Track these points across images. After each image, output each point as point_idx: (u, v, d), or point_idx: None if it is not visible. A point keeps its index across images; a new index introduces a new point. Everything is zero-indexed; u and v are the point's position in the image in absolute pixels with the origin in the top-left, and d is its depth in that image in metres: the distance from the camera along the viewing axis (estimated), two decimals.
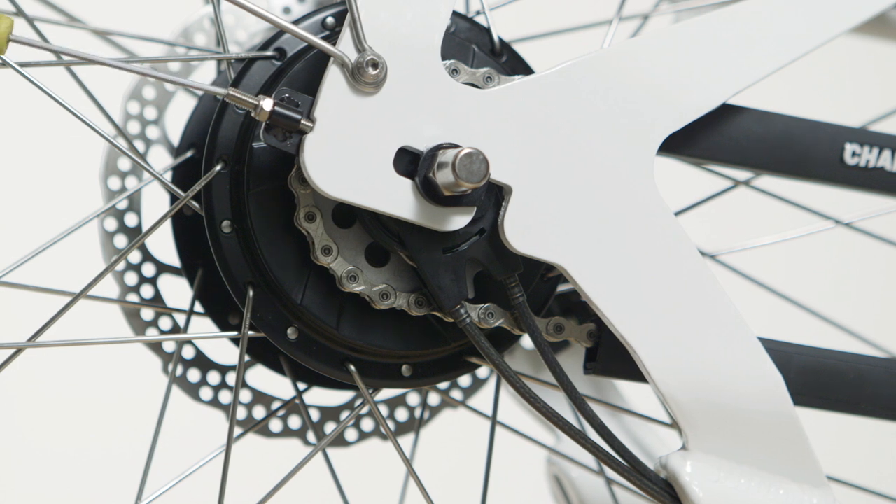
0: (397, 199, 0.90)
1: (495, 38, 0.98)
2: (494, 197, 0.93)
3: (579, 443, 0.94)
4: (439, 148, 0.90)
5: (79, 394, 1.97)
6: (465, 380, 1.15)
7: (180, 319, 1.09)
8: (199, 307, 1.05)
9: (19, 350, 0.94)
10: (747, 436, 0.96)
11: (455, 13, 0.97)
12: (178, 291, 1.09)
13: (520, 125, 0.92)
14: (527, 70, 0.98)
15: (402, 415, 1.15)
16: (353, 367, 0.97)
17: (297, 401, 1.06)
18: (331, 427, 1.13)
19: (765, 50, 0.98)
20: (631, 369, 0.96)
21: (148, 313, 1.10)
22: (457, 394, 1.15)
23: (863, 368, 1.02)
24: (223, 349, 1.10)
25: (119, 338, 1.03)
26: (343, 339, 0.95)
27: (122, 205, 1.09)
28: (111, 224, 1.09)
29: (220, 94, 0.90)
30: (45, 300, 1.02)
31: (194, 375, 1.09)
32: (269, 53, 0.96)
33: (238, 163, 0.94)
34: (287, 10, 1.16)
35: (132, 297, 1.09)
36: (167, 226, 1.01)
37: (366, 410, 1.12)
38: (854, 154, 1.03)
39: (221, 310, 1.04)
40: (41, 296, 1.03)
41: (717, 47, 0.97)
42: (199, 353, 1.10)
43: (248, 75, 0.95)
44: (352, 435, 1.14)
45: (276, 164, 0.93)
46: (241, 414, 1.11)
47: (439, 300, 0.93)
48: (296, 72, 0.94)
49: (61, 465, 1.96)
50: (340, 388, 1.08)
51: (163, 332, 1.09)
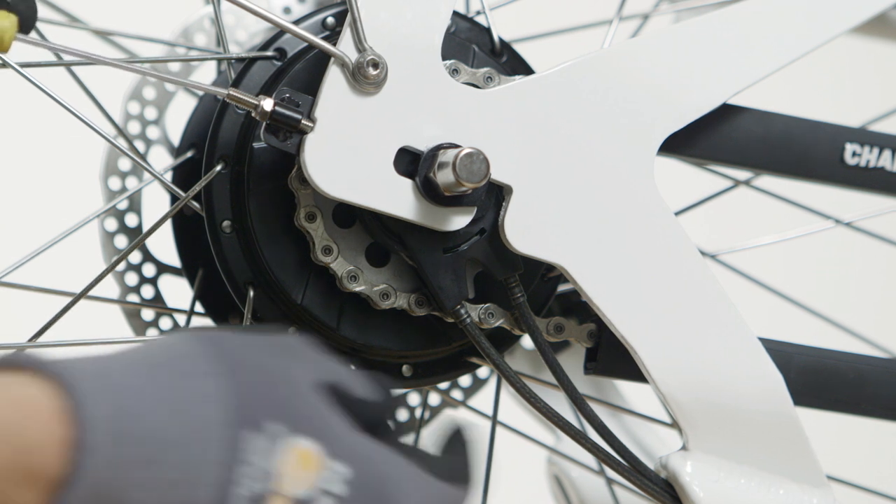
0: (398, 199, 0.90)
1: (495, 38, 0.98)
2: (495, 197, 0.93)
3: (579, 443, 0.94)
4: (440, 148, 0.90)
5: None
6: (465, 380, 1.15)
7: (181, 320, 1.09)
8: (199, 307, 1.05)
9: (19, 350, 0.94)
10: (747, 436, 0.96)
11: (455, 13, 0.97)
12: (178, 292, 1.09)
13: (520, 125, 0.92)
14: (527, 70, 0.98)
15: (402, 415, 1.15)
16: (352, 367, 0.97)
17: None
18: None
19: (765, 50, 0.98)
20: (631, 369, 0.96)
21: (148, 313, 1.10)
22: (457, 394, 1.15)
23: (863, 368, 1.02)
24: None
25: (120, 338, 1.03)
26: (343, 339, 0.95)
27: (123, 205, 1.09)
28: (111, 224, 1.09)
29: (221, 95, 0.90)
30: (46, 300, 1.02)
31: None
32: (270, 53, 0.95)
33: (238, 163, 0.94)
34: (287, 11, 1.16)
35: (133, 298, 1.09)
36: (167, 226, 1.01)
37: None
38: (854, 154, 1.03)
39: (222, 310, 1.04)
40: (41, 296, 1.03)
41: (718, 47, 0.97)
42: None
43: (248, 75, 0.95)
44: None
45: (276, 164, 0.93)
46: None
47: (440, 300, 0.93)
48: (296, 72, 0.93)
49: None
50: None
51: (163, 333, 1.09)
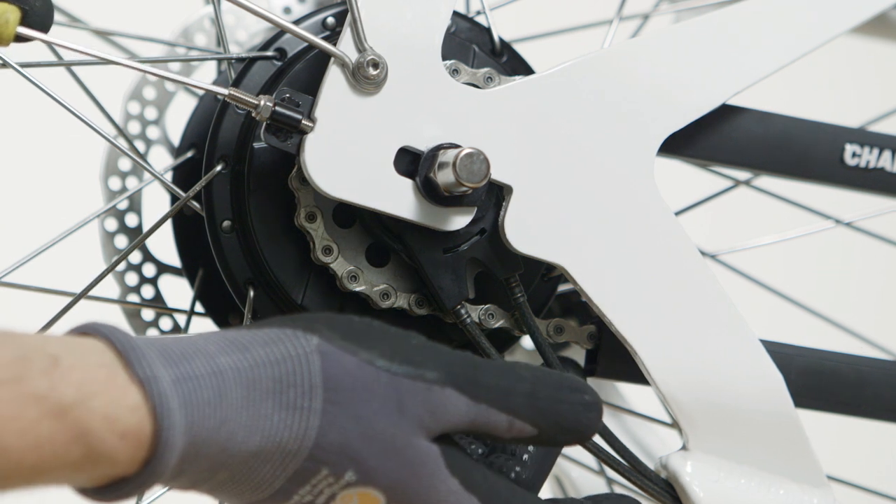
0: (398, 199, 0.90)
1: (496, 38, 0.98)
2: (495, 197, 0.93)
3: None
4: (440, 148, 0.90)
5: None
6: None
7: (181, 320, 1.09)
8: (199, 307, 1.05)
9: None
10: (748, 436, 0.96)
11: (455, 13, 0.97)
12: (178, 292, 1.09)
13: (520, 125, 0.92)
14: (527, 70, 0.98)
15: None
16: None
17: None
18: None
19: (765, 50, 0.98)
20: (631, 371, 0.96)
21: (149, 314, 1.10)
22: None
23: (863, 370, 1.02)
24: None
25: None
26: None
27: (123, 205, 1.09)
28: (112, 224, 1.09)
29: (221, 94, 0.90)
30: (46, 300, 1.02)
31: None
32: (270, 53, 0.95)
33: (238, 163, 0.94)
34: (287, 11, 1.16)
35: (133, 298, 1.09)
36: (168, 226, 1.01)
37: None
38: (854, 155, 1.03)
39: (222, 310, 1.04)
40: (41, 296, 1.03)
41: (718, 47, 0.97)
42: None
43: (248, 75, 0.95)
44: None
45: (276, 164, 0.93)
46: None
47: (440, 300, 0.93)
48: (296, 72, 0.93)
49: None
50: None
51: (164, 333, 1.09)
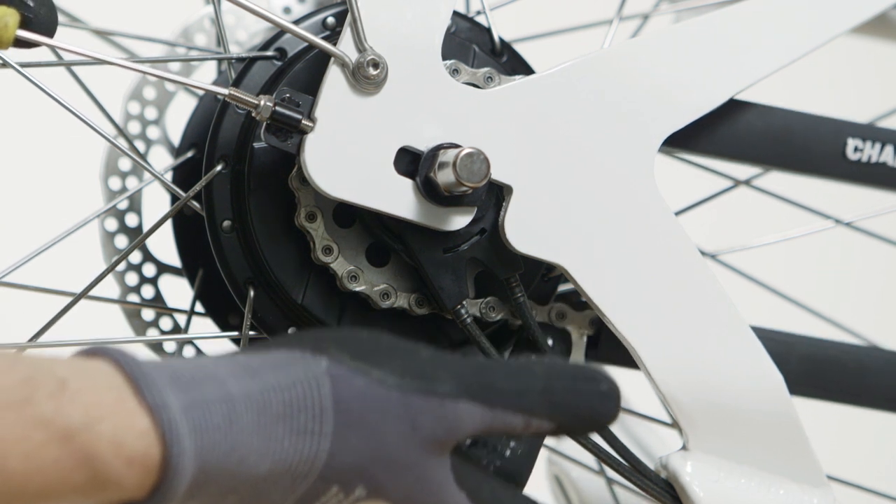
0: (398, 199, 0.90)
1: (496, 38, 0.98)
2: (495, 197, 0.93)
3: (579, 442, 0.93)
4: (440, 148, 0.90)
5: None
6: None
7: (181, 320, 1.09)
8: (199, 307, 1.05)
9: (20, 350, 0.94)
10: (747, 436, 0.96)
11: (455, 13, 0.97)
12: (178, 292, 1.09)
13: (520, 125, 0.92)
14: (527, 70, 0.97)
15: None
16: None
17: None
18: None
19: (765, 50, 0.98)
20: (632, 357, 0.96)
21: (149, 313, 1.10)
22: None
23: (864, 359, 1.02)
24: (224, 349, 1.09)
25: (120, 338, 1.03)
26: None
27: (123, 205, 1.09)
28: (112, 224, 1.09)
29: (221, 94, 0.90)
30: (46, 300, 1.02)
31: None
32: (270, 53, 0.95)
33: (239, 163, 0.94)
34: (287, 10, 1.16)
35: (133, 298, 1.09)
36: (168, 226, 1.01)
37: None
38: (856, 149, 1.03)
39: (222, 310, 1.04)
40: (41, 296, 1.03)
41: (718, 47, 0.97)
42: (200, 354, 1.10)
43: (248, 75, 0.95)
44: None
45: (276, 163, 0.93)
46: None
47: (440, 300, 0.93)
48: (296, 72, 0.93)
49: None
50: None
51: (164, 333, 1.09)
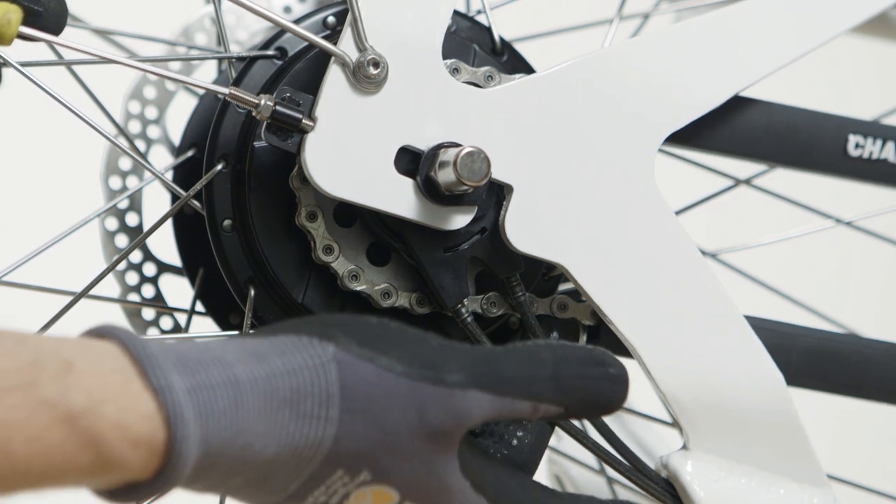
0: (398, 198, 0.90)
1: (496, 38, 0.98)
2: (495, 196, 0.93)
3: (580, 442, 0.94)
4: (440, 147, 0.90)
5: None
6: None
7: (181, 319, 1.09)
8: (200, 307, 1.05)
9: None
10: (748, 435, 0.96)
11: (456, 12, 0.97)
12: (179, 291, 1.09)
13: (521, 124, 0.92)
14: (528, 69, 0.98)
15: None
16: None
17: None
18: None
19: (765, 49, 0.98)
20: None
21: (149, 313, 1.10)
22: None
23: (866, 352, 1.02)
24: None
25: None
26: None
27: (123, 204, 1.09)
28: (112, 223, 1.09)
29: (222, 94, 0.90)
30: (46, 300, 1.02)
31: None
32: (270, 53, 0.95)
33: (239, 162, 0.94)
34: (288, 10, 1.16)
35: (133, 297, 1.09)
36: (168, 225, 1.01)
37: None
38: (857, 146, 1.03)
39: (223, 309, 1.04)
40: (41, 296, 1.03)
41: (718, 47, 0.97)
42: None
43: (249, 74, 0.95)
44: None
45: (277, 163, 0.93)
46: None
47: (440, 299, 0.93)
48: (297, 71, 0.93)
49: None
50: None
51: (164, 332, 1.09)
